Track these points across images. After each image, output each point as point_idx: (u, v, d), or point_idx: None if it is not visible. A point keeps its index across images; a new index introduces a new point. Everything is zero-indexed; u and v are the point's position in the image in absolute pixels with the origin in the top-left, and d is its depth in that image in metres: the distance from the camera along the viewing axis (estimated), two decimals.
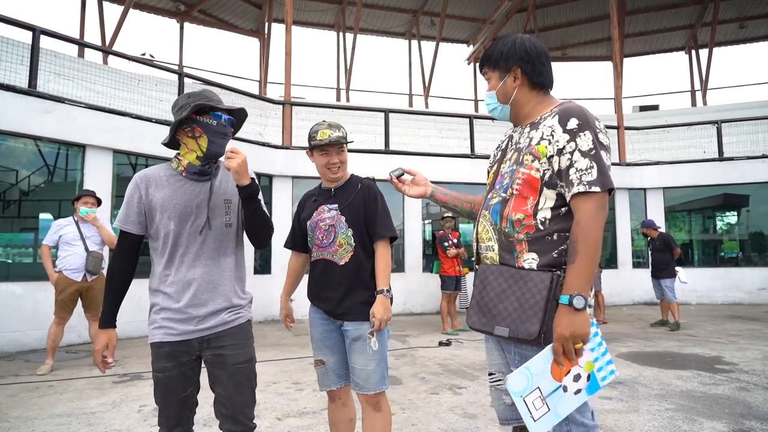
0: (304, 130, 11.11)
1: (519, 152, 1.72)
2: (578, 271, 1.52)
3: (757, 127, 12.66)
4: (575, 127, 1.59)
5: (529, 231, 1.64)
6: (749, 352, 5.99)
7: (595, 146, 1.56)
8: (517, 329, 1.58)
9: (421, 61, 20.38)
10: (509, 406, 1.82)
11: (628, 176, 12.42)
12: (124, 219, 1.99)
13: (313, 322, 2.56)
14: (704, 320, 9.00)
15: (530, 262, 1.62)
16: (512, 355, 1.68)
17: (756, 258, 12.51)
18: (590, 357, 1.58)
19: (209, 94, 2.02)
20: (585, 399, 1.59)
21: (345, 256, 2.45)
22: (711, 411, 3.80)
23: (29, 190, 7.65)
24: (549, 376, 1.55)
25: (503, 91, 1.79)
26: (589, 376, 1.58)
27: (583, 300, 1.49)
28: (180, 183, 2.01)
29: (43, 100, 6.90)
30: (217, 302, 2.01)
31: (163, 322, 1.97)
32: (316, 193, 2.65)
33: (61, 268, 5.31)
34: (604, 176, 1.54)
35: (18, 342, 6.37)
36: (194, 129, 1.97)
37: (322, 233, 2.49)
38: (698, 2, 18.57)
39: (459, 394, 4.38)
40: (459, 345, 6.82)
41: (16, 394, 4.41)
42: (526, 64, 1.74)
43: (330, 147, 2.51)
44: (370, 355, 2.37)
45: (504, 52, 1.77)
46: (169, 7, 17.00)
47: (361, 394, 2.41)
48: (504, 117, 1.84)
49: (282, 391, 4.52)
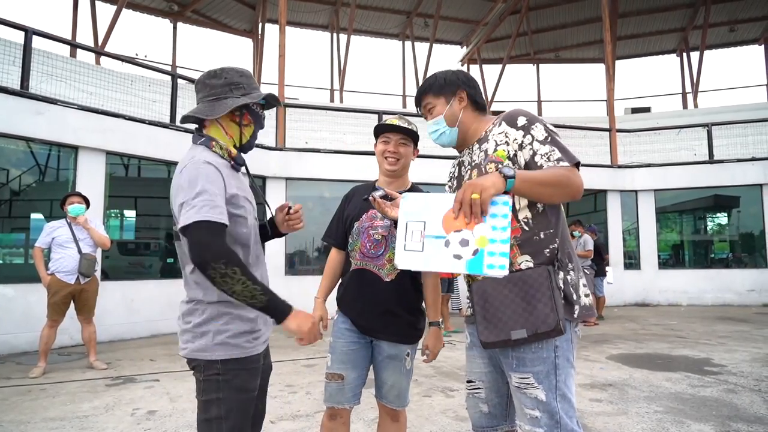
0: (298, 132, 11.17)
1: (478, 168, 1.78)
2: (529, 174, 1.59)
3: (746, 130, 12.81)
4: (525, 122, 1.72)
5: (516, 234, 1.69)
6: (737, 354, 6.06)
7: (548, 133, 1.70)
8: (535, 326, 1.59)
9: (415, 62, 20.45)
10: (485, 414, 1.87)
11: (620, 178, 12.52)
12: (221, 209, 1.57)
13: (338, 333, 2.35)
14: (694, 322, 9.09)
15: (525, 263, 1.68)
16: (509, 360, 1.69)
17: (746, 259, 12.66)
18: (487, 233, 1.47)
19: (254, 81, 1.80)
20: (461, 271, 1.52)
21: (392, 273, 2.29)
22: (699, 413, 3.85)
23: (21, 191, 7.63)
24: (439, 220, 1.54)
25: (451, 114, 1.88)
26: (477, 251, 1.48)
27: (512, 173, 1.51)
28: (233, 172, 1.73)
29: (35, 102, 6.86)
30: None
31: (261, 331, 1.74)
32: (368, 192, 2.29)
33: (53, 271, 5.30)
34: (567, 153, 1.67)
35: (9, 344, 6.33)
36: (244, 116, 1.76)
37: (371, 242, 2.31)
38: (689, 5, 18.75)
39: (451, 397, 4.42)
40: (451, 347, 6.85)
41: (8, 398, 4.40)
42: (469, 87, 1.90)
43: (392, 134, 2.35)
44: (403, 374, 2.31)
45: (447, 79, 1.90)
46: (162, 7, 16.95)
47: (384, 406, 2.36)
48: (451, 141, 1.91)
49: (275, 393, 4.53)
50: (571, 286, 1.68)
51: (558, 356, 1.65)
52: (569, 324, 1.67)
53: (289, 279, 9.66)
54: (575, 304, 1.68)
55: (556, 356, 1.64)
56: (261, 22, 18.33)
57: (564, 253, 1.71)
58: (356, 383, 2.32)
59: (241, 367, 1.65)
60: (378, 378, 2.35)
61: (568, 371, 1.67)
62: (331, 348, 2.36)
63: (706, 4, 18.31)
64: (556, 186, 1.62)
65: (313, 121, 11.70)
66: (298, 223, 1.98)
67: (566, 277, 1.68)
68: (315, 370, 5.46)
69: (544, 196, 1.65)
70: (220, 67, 1.75)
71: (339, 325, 2.38)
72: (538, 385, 1.64)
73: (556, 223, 1.73)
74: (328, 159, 10.33)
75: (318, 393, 4.42)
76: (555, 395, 1.63)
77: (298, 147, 10.63)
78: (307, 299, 2.57)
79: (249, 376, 1.68)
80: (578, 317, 1.67)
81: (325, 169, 10.28)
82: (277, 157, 10.07)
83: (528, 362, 1.65)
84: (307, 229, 7.22)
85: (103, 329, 5.99)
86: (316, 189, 10.67)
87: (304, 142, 11.07)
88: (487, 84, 20.84)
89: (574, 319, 1.68)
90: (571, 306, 1.67)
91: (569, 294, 1.66)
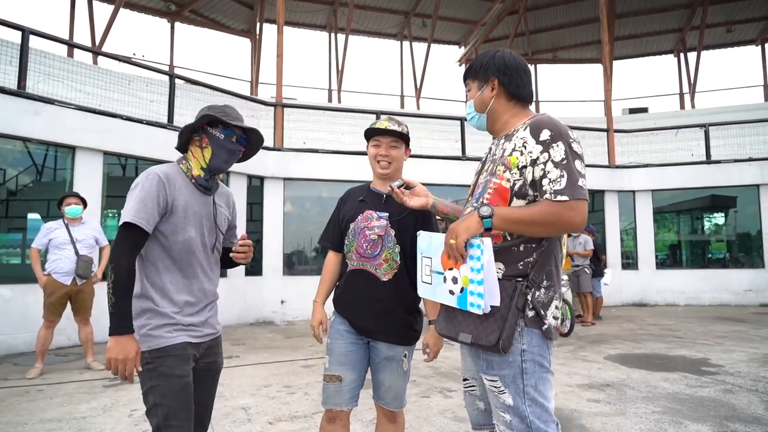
0: (296, 132, 11.16)
1: (494, 163, 1.77)
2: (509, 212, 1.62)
3: (744, 130, 12.83)
4: (548, 138, 1.63)
5: (496, 241, 1.68)
6: (735, 354, 6.08)
7: (566, 156, 1.60)
8: (478, 336, 1.62)
9: (413, 62, 20.45)
10: (482, 412, 1.87)
11: (618, 179, 12.55)
12: (144, 215, 1.82)
13: (335, 335, 2.36)
14: (691, 322, 9.11)
15: (496, 271, 1.65)
16: (480, 361, 1.72)
17: (743, 259, 12.70)
18: (468, 273, 1.63)
19: (229, 110, 2.02)
20: (453, 304, 1.69)
21: (389, 272, 2.30)
22: (696, 413, 3.86)
23: (18, 191, 7.60)
24: (439, 259, 1.73)
25: (481, 100, 1.85)
26: (463, 289, 1.65)
27: (489, 213, 1.59)
28: (193, 190, 2.01)
29: (32, 102, 6.84)
30: (216, 310, 2.13)
31: (185, 325, 1.93)
32: (362, 193, 2.43)
33: (50, 271, 5.28)
34: (573, 186, 1.57)
35: (6, 345, 6.32)
36: (202, 139, 2.00)
37: (367, 242, 2.32)
38: (687, 6, 18.80)
39: (449, 397, 4.42)
40: (449, 347, 6.84)
41: (5, 399, 4.39)
42: (503, 75, 1.80)
43: (383, 137, 2.36)
44: (400, 375, 2.33)
45: (484, 63, 1.84)
46: (160, 6, 16.92)
47: (382, 407, 2.37)
48: (481, 125, 1.89)
49: (273, 394, 4.53)
50: (538, 302, 1.64)
51: (525, 360, 1.63)
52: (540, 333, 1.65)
53: (287, 279, 9.65)
54: (543, 318, 1.65)
55: (522, 360, 1.62)
56: (259, 22, 18.31)
57: (542, 270, 1.66)
58: (354, 384, 2.31)
59: (165, 354, 1.84)
60: (375, 379, 2.35)
61: (541, 376, 1.64)
62: (329, 350, 2.36)
63: (703, 4, 18.37)
64: (542, 225, 1.59)
65: (311, 122, 11.68)
66: (242, 257, 2.10)
67: (535, 293, 1.64)
68: (313, 370, 5.45)
69: (529, 233, 1.64)
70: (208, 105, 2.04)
71: (336, 327, 2.37)
72: (505, 389, 1.64)
73: (543, 238, 1.67)
74: (326, 159, 10.32)
75: (316, 394, 4.42)
76: (524, 399, 1.62)
77: (296, 147, 10.62)
78: (305, 300, 2.57)
79: (175, 362, 1.85)
80: (545, 331, 1.64)
81: (324, 169, 10.27)
82: (275, 157, 10.06)
83: (495, 365, 1.66)
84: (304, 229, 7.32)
85: (99, 330, 5.96)
86: (314, 189, 10.66)
87: (302, 142, 11.05)
88: None
89: (543, 331, 1.65)
90: (540, 318, 1.64)
91: (537, 307, 1.64)
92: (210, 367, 2.07)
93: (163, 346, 1.85)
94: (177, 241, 1.92)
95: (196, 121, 1.97)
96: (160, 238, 1.91)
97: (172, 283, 1.93)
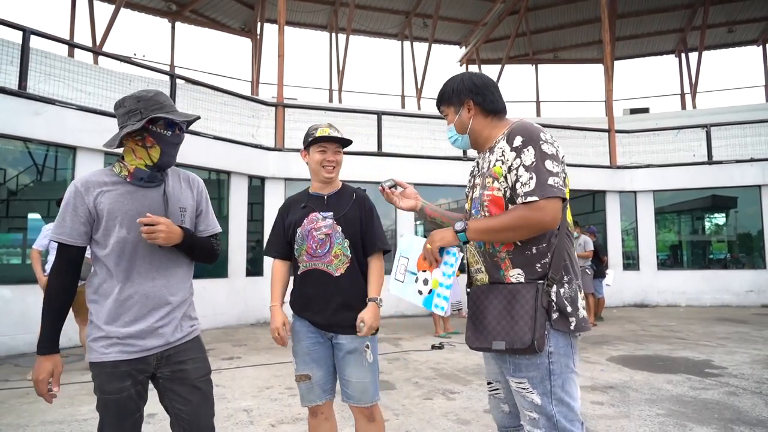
0: (297, 132, 11.11)
1: (483, 176, 1.84)
2: (484, 221, 1.75)
3: (745, 130, 12.81)
4: (519, 144, 1.71)
5: (509, 248, 1.75)
6: (738, 356, 6.06)
7: (535, 159, 1.67)
8: (512, 341, 1.67)
9: (414, 62, 20.43)
10: (507, 414, 1.93)
11: (619, 179, 12.53)
12: (64, 231, 1.81)
13: (298, 335, 2.45)
14: (693, 323, 9.09)
15: (517, 277, 1.73)
16: (507, 365, 1.76)
17: (744, 259, 12.68)
18: (439, 277, 1.84)
19: (162, 99, 1.88)
20: (420, 305, 1.90)
21: (340, 267, 2.40)
22: (701, 416, 3.84)
23: (18, 191, 7.59)
24: (416, 260, 1.90)
25: (460, 123, 1.93)
26: (431, 291, 1.85)
27: (462, 228, 1.77)
28: (127, 188, 1.87)
29: (33, 102, 6.83)
30: (175, 315, 1.93)
31: (118, 339, 1.82)
32: (303, 199, 2.54)
33: None
34: (542, 186, 1.64)
35: (7, 346, 6.31)
36: (146, 138, 1.86)
37: (315, 242, 2.40)
38: (688, 6, 18.79)
39: (452, 399, 4.40)
40: (451, 348, 6.85)
41: (6, 401, 4.37)
42: (476, 95, 1.89)
43: (329, 143, 2.45)
44: (366, 368, 2.36)
45: (455, 89, 1.93)
46: (160, 6, 16.91)
47: (355, 407, 2.40)
48: (465, 145, 1.99)
49: (276, 396, 4.51)
50: (566, 299, 1.70)
51: (552, 362, 1.68)
52: (565, 334, 1.71)
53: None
54: (571, 316, 1.70)
55: (550, 362, 1.68)
56: (259, 22, 18.30)
57: (558, 267, 1.71)
58: (324, 380, 2.41)
59: (98, 371, 1.83)
60: (342, 377, 2.41)
61: (567, 376, 1.70)
62: (294, 351, 2.47)
63: (704, 4, 18.35)
64: (513, 230, 1.68)
65: (312, 122, 11.58)
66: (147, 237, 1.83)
67: (560, 290, 1.70)
68: None
69: (505, 239, 1.73)
70: (123, 97, 1.90)
71: (297, 328, 2.46)
72: (533, 390, 1.69)
73: (551, 236, 1.72)
74: None
75: None
76: (551, 399, 1.68)
77: (297, 147, 10.59)
78: None
79: (106, 379, 1.82)
80: (575, 329, 1.70)
81: None
82: (275, 157, 10.05)
83: (523, 368, 1.71)
84: None
85: None
86: None
87: None
88: None
89: (571, 331, 1.70)
90: (565, 317, 1.69)
91: (563, 307, 1.69)
92: (177, 376, 1.92)
93: (96, 362, 1.83)
94: (109, 244, 1.83)
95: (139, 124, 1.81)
96: (95, 246, 1.87)
97: (105, 292, 1.84)
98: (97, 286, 1.86)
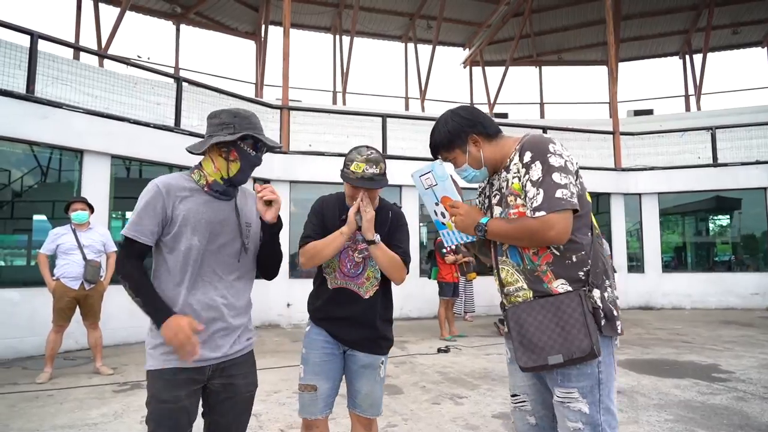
0: (302, 134, 11.15)
1: (503, 196, 1.86)
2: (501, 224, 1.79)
3: (750, 132, 12.76)
4: (529, 160, 1.75)
5: (548, 260, 1.74)
6: (745, 360, 6.04)
7: (542, 173, 1.70)
8: (569, 351, 1.65)
9: (418, 64, 20.43)
10: (533, 426, 1.91)
11: (623, 181, 12.51)
12: (140, 228, 1.82)
13: (313, 344, 2.40)
14: (699, 326, 9.07)
15: (562, 287, 1.72)
16: (555, 375, 1.73)
17: (749, 261, 12.64)
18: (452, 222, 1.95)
19: (256, 121, 1.94)
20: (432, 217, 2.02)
21: (370, 289, 2.39)
22: (710, 422, 3.84)
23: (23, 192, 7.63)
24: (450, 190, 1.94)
25: (473, 159, 1.93)
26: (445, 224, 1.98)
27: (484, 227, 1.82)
28: (204, 198, 1.92)
29: (40, 106, 6.86)
30: (235, 328, 1.96)
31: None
32: (340, 208, 2.42)
33: (59, 276, 5.31)
34: (550, 200, 1.66)
35: (15, 349, 6.33)
36: (230, 152, 1.91)
37: (351, 263, 2.38)
38: (693, 8, 18.74)
39: (460, 404, 4.40)
40: (457, 352, 6.85)
41: (16, 404, 4.39)
42: (474, 127, 1.90)
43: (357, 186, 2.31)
44: (378, 383, 2.39)
45: (450, 131, 1.92)
46: (165, 9, 16.94)
47: (358, 416, 2.39)
48: (485, 178, 1.99)
49: (284, 400, 4.52)
50: (610, 303, 1.72)
51: (602, 371, 1.69)
52: (610, 339, 1.72)
53: (293, 282, 9.59)
54: (616, 319, 1.72)
55: (599, 371, 1.69)
56: (264, 24, 18.33)
57: (598, 272, 1.73)
58: (329, 393, 2.36)
59: (156, 377, 1.83)
60: (352, 387, 2.40)
61: (612, 384, 1.72)
62: (304, 359, 2.41)
63: (709, 6, 18.30)
64: (521, 239, 1.74)
65: (316, 124, 11.68)
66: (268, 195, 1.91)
67: (603, 295, 1.72)
68: None
69: (518, 245, 1.78)
70: (219, 109, 1.96)
71: (313, 337, 2.42)
72: (582, 399, 1.68)
73: (588, 244, 1.75)
74: (331, 162, 10.27)
75: None
76: (599, 408, 1.67)
77: (301, 150, 10.63)
78: None
79: (163, 386, 1.82)
80: (620, 332, 1.73)
81: (329, 172, 10.18)
82: (280, 160, 10.06)
83: (573, 378, 1.69)
84: None
85: (107, 333, 5.98)
86: (320, 192, 10.26)
87: (308, 144, 11.06)
88: (489, 86, 20.84)
89: (617, 334, 1.72)
90: (612, 322, 1.71)
91: (608, 311, 1.71)
92: (227, 389, 1.93)
93: (154, 369, 1.83)
94: (178, 249, 1.86)
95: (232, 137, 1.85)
96: (162, 249, 1.89)
97: (171, 298, 1.85)
98: (161, 292, 1.86)
